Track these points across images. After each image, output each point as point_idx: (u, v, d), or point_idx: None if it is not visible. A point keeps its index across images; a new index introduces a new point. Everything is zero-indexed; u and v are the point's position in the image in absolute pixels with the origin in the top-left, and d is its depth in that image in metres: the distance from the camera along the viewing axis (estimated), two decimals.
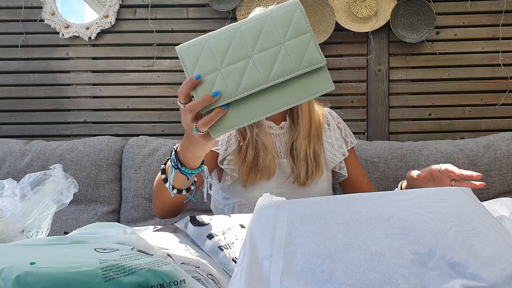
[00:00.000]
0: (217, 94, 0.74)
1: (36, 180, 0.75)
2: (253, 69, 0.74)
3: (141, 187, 1.75)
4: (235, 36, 0.75)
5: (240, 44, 0.75)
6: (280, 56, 0.74)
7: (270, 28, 0.75)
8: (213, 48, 0.75)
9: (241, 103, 0.75)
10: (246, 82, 0.74)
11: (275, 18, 0.75)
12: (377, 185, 1.72)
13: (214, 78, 0.74)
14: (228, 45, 0.75)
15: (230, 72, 0.74)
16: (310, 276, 0.51)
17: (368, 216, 0.58)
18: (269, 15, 0.75)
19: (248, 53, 0.75)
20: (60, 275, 0.44)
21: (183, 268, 0.61)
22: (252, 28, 0.75)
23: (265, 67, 0.74)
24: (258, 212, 0.62)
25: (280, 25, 0.75)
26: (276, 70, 0.74)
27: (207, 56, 0.75)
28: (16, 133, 2.11)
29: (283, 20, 0.75)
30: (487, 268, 0.51)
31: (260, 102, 0.75)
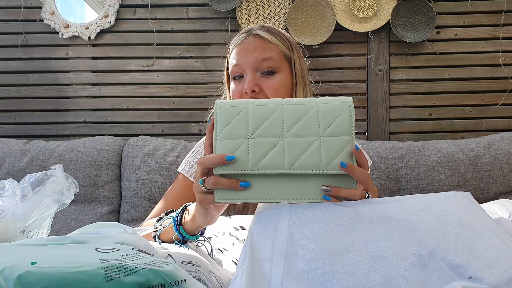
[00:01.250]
0: (231, 159, 0.67)
1: (36, 180, 0.75)
2: (281, 151, 0.68)
3: (141, 187, 1.75)
4: (276, 111, 0.71)
5: (278, 121, 0.70)
6: (312, 148, 0.68)
7: (314, 116, 0.70)
8: (250, 115, 0.70)
9: (258, 181, 0.68)
10: (268, 161, 0.67)
11: (322, 107, 0.71)
12: (377, 185, 1.72)
13: (239, 145, 0.69)
14: (266, 117, 0.70)
15: (256, 145, 0.68)
16: (311, 277, 0.51)
17: (369, 218, 0.58)
18: (318, 104, 0.71)
19: (282, 133, 0.69)
20: (61, 275, 0.44)
21: (184, 267, 0.61)
22: (296, 110, 0.70)
23: (293, 153, 0.67)
24: (259, 214, 0.62)
25: (324, 116, 0.70)
26: (302, 160, 0.67)
27: (241, 121, 0.70)
28: (15, 133, 2.11)
29: (329, 113, 0.70)
30: (488, 270, 0.51)
31: (276, 186, 0.68)
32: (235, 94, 1.07)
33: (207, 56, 2.09)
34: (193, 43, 2.09)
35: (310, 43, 2.00)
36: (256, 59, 1.05)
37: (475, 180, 1.70)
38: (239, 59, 1.06)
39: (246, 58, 1.06)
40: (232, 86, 1.09)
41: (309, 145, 0.68)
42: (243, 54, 1.06)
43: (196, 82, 2.09)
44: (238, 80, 1.07)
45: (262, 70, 1.05)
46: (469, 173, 1.70)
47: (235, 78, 1.08)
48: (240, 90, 1.05)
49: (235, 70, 1.07)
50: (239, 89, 1.06)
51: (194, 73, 2.09)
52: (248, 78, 1.04)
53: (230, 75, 1.10)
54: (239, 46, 1.09)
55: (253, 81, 1.03)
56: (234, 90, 1.07)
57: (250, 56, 1.05)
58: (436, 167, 1.71)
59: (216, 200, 0.68)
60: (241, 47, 1.08)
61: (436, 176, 1.70)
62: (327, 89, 2.06)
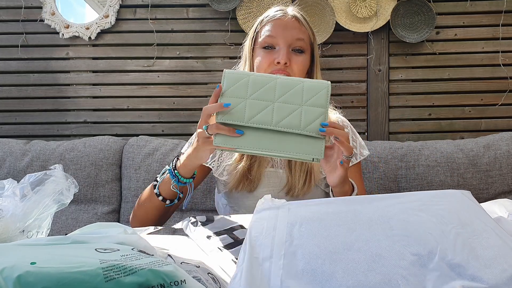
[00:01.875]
0: (227, 105, 0.88)
1: (36, 180, 0.76)
2: (270, 111, 0.89)
3: (141, 187, 1.75)
4: (271, 82, 0.91)
5: (272, 89, 0.90)
6: (295, 113, 0.88)
7: (299, 90, 0.90)
8: (250, 82, 0.91)
9: (250, 133, 0.88)
10: (259, 118, 0.88)
11: (307, 84, 0.91)
12: (377, 185, 1.72)
13: (238, 103, 0.89)
14: (262, 85, 0.91)
15: (252, 104, 0.89)
16: (311, 276, 0.51)
17: (368, 217, 0.58)
18: (304, 81, 0.92)
19: (273, 98, 0.90)
20: (61, 275, 0.44)
21: (183, 268, 0.61)
22: (287, 83, 0.91)
23: (280, 114, 0.88)
24: (258, 214, 0.63)
25: (307, 91, 0.90)
26: (286, 121, 0.88)
27: (242, 85, 0.91)
28: (16, 133, 2.11)
29: (311, 89, 0.91)
30: (487, 269, 0.51)
31: (265, 139, 0.88)
32: (264, 62, 1.17)
33: (207, 56, 2.09)
34: (193, 43, 2.09)
35: None
36: (292, 37, 1.17)
37: (475, 180, 1.70)
38: (276, 32, 1.18)
39: (284, 33, 1.17)
40: (260, 54, 1.19)
41: (293, 110, 0.88)
42: (282, 29, 1.18)
43: (196, 82, 2.09)
44: (269, 50, 1.18)
45: (294, 47, 1.18)
46: (468, 173, 1.70)
47: (266, 48, 1.18)
48: (270, 59, 1.16)
49: (269, 40, 1.18)
50: (270, 58, 1.16)
51: (194, 73, 2.09)
52: (283, 51, 1.15)
53: (259, 44, 1.19)
54: (276, 20, 1.20)
55: (287, 55, 1.15)
56: (264, 58, 1.17)
57: (288, 32, 1.17)
58: (436, 167, 1.71)
59: (214, 144, 0.89)
60: (279, 22, 1.19)
61: (435, 176, 1.70)
62: None
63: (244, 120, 0.88)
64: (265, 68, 1.16)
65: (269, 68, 1.16)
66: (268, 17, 1.22)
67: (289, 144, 0.88)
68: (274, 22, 1.20)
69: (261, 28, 1.21)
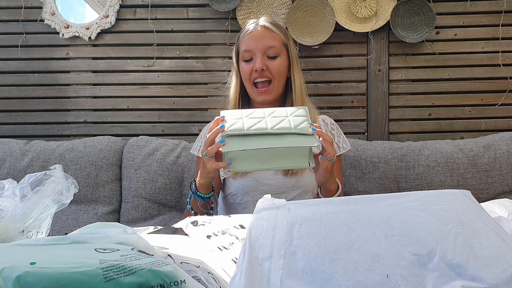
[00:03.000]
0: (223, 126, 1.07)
1: (36, 180, 0.76)
2: (264, 122, 1.07)
3: (141, 187, 1.75)
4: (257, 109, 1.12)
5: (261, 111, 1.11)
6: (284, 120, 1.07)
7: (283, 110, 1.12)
8: (242, 112, 1.11)
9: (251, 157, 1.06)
10: (256, 127, 1.05)
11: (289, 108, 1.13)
12: (377, 185, 1.72)
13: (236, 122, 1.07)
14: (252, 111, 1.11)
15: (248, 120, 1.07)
16: (310, 276, 0.51)
17: (368, 217, 0.58)
18: (288, 110, 1.13)
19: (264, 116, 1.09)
20: (60, 275, 0.44)
21: (183, 268, 0.61)
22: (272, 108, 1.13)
23: (272, 123, 1.06)
24: (258, 213, 0.63)
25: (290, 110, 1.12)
26: (278, 126, 1.05)
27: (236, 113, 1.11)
28: (16, 133, 2.11)
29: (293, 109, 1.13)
30: (487, 269, 0.51)
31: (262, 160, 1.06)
32: (246, 72, 1.38)
33: (207, 56, 2.09)
34: (193, 43, 2.09)
35: (310, 43, 2.00)
36: (264, 46, 1.37)
37: (475, 180, 1.70)
38: (250, 45, 1.38)
39: (257, 45, 1.37)
40: (243, 66, 1.40)
41: (282, 119, 1.07)
42: (254, 41, 1.37)
43: (196, 82, 2.09)
44: (249, 62, 1.39)
45: (269, 54, 1.37)
46: (468, 173, 1.70)
47: (246, 60, 1.39)
48: (250, 69, 1.37)
49: (246, 54, 1.38)
50: (249, 68, 1.37)
51: (194, 73, 2.09)
52: (258, 59, 1.36)
53: (240, 58, 1.41)
54: (250, 34, 1.39)
55: (262, 62, 1.36)
56: (245, 69, 1.39)
57: (260, 43, 1.37)
58: (436, 167, 1.71)
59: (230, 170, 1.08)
60: (252, 35, 1.38)
61: (435, 176, 1.70)
62: (327, 89, 2.06)
63: (244, 130, 1.05)
64: (247, 77, 1.38)
65: (251, 76, 1.37)
66: (243, 32, 1.42)
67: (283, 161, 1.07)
68: (248, 36, 1.39)
69: (239, 43, 1.42)
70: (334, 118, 1.58)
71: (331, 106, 2.05)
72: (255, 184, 1.34)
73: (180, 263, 0.65)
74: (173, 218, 1.75)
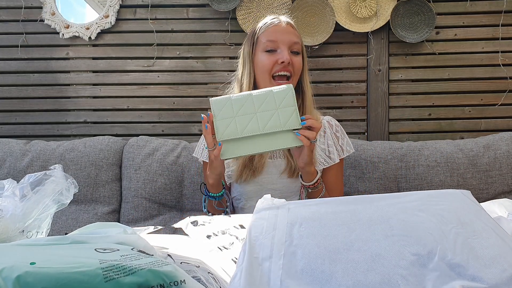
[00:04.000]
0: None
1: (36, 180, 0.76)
2: (255, 121, 1.14)
3: (141, 187, 1.75)
4: (248, 99, 1.16)
5: (251, 103, 1.15)
6: (274, 117, 1.14)
7: (271, 98, 1.16)
8: (233, 103, 1.16)
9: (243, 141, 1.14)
10: (249, 128, 1.13)
11: (276, 92, 1.16)
12: (377, 185, 1.72)
13: (229, 122, 1.14)
14: (243, 103, 1.15)
15: (240, 120, 1.14)
16: (310, 276, 0.51)
17: (368, 217, 0.58)
18: (272, 90, 1.17)
19: (255, 110, 1.15)
20: (60, 275, 0.44)
21: (183, 268, 0.61)
22: (260, 95, 1.16)
23: (263, 121, 1.14)
24: (258, 214, 0.63)
25: (278, 97, 1.16)
26: (269, 124, 1.14)
27: (228, 107, 1.15)
28: (16, 133, 2.11)
29: (280, 95, 1.16)
30: (487, 269, 0.51)
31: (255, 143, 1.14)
32: (268, 63, 1.33)
33: (207, 56, 2.09)
34: (193, 43, 2.09)
35: (310, 43, 2.00)
36: (291, 40, 1.34)
37: (475, 180, 1.70)
38: (277, 37, 1.34)
39: (283, 37, 1.34)
40: (263, 57, 1.34)
41: (272, 115, 1.14)
42: (281, 33, 1.34)
43: (196, 82, 2.09)
44: (272, 53, 1.34)
45: (293, 49, 1.35)
46: (468, 173, 1.70)
47: (268, 51, 1.34)
48: (274, 60, 1.32)
49: (270, 44, 1.34)
50: (273, 59, 1.33)
51: (194, 73, 2.09)
52: (285, 52, 1.32)
53: (260, 49, 1.35)
54: (274, 26, 1.36)
55: (289, 56, 1.32)
56: (267, 60, 1.33)
57: (286, 37, 1.34)
58: (436, 167, 1.71)
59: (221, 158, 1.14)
60: (277, 28, 1.36)
61: (435, 176, 1.70)
62: (327, 89, 2.06)
63: (238, 133, 1.13)
64: (268, 68, 1.33)
65: (273, 68, 1.32)
66: (265, 24, 1.38)
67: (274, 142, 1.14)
68: (273, 28, 1.35)
69: (260, 34, 1.37)
70: (335, 118, 1.58)
71: (331, 106, 2.05)
72: (259, 189, 1.34)
73: (180, 263, 0.65)
74: (173, 218, 1.74)
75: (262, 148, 1.14)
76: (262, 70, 1.34)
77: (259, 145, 1.14)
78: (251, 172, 1.35)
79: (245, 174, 1.35)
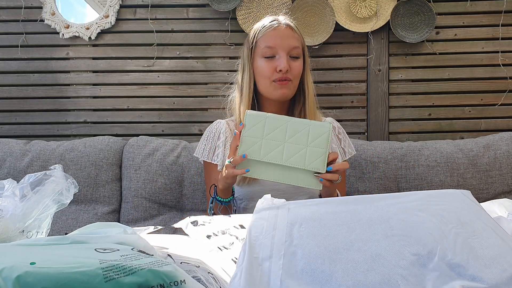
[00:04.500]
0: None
1: (36, 180, 0.76)
2: (281, 150, 1.10)
3: (141, 187, 1.75)
4: (283, 124, 1.12)
5: (283, 130, 1.12)
6: (301, 153, 1.10)
7: (306, 132, 1.11)
8: (267, 123, 1.12)
9: (265, 166, 1.12)
10: (272, 155, 1.10)
11: (313, 127, 1.12)
12: (377, 185, 1.72)
13: (255, 142, 1.11)
14: (276, 127, 1.12)
15: (267, 144, 1.11)
16: (310, 276, 0.51)
17: (368, 217, 0.58)
18: (311, 123, 1.12)
19: (285, 139, 1.11)
20: (60, 275, 0.44)
21: (183, 268, 0.61)
22: (297, 124, 1.12)
23: (288, 153, 1.10)
24: (258, 213, 0.62)
25: (313, 133, 1.11)
26: (293, 159, 1.10)
27: (260, 126, 1.12)
28: (16, 133, 2.11)
29: (316, 131, 1.11)
30: (487, 269, 0.51)
31: (276, 171, 1.11)
32: (267, 70, 1.31)
33: (207, 56, 2.09)
34: (193, 43, 2.09)
35: (310, 43, 2.00)
36: (289, 46, 1.31)
37: (475, 180, 1.70)
38: (275, 42, 1.30)
39: (282, 43, 1.30)
40: (262, 63, 1.32)
41: (299, 150, 1.10)
42: (280, 39, 1.31)
43: (196, 82, 2.09)
44: (270, 59, 1.31)
45: (292, 54, 1.32)
46: (468, 173, 1.70)
47: (267, 57, 1.31)
48: (272, 67, 1.30)
49: (269, 51, 1.31)
50: (272, 66, 1.30)
51: (194, 73, 2.09)
52: (284, 59, 1.29)
53: (259, 54, 1.32)
54: (273, 31, 1.32)
55: (287, 62, 1.30)
56: (266, 67, 1.31)
57: (285, 42, 1.31)
58: (436, 167, 1.71)
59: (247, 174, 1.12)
60: (276, 33, 1.32)
61: (435, 176, 1.70)
62: (327, 89, 2.06)
63: (260, 156, 1.11)
64: (268, 75, 1.31)
65: (272, 76, 1.30)
66: (264, 27, 1.34)
67: (295, 176, 1.11)
68: (271, 33, 1.32)
69: (259, 39, 1.33)
70: (335, 118, 1.58)
71: (331, 106, 2.05)
72: (262, 190, 1.33)
73: (180, 263, 0.65)
74: (173, 218, 1.74)
75: (281, 179, 1.11)
76: (262, 75, 1.32)
77: (278, 174, 1.11)
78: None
79: (248, 178, 1.33)
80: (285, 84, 1.31)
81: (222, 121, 1.46)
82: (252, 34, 1.37)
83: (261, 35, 1.33)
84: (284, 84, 1.30)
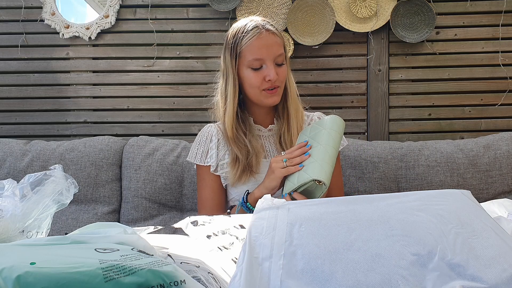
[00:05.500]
0: (301, 166, 1.19)
1: (36, 180, 0.75)
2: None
3: (141, 187, 1.75)
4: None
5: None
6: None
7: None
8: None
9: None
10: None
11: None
12: (377, 185, 1.72)
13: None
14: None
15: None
16: (310, 276, 0.51)
17: (368, 217, 0.58)
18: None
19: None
20: (60, 275, 0.44)
21: (183, 268, 0.61)
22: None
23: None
24: (258, 213, 0.62)
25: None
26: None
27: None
28: (16, 133, 2.11)
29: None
30: (487, 269, 0.51)
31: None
32: (255, 80, 1.30)
33: (207, 56, 2.09)
34: (193, 43, 2.09)
35: (310, 43, 2.00)
36: (275, 54, 1.30)
37: (475, 180, 1.70)
38: (262, 54, 1.29)
39: (268, 53, 1.29)
40: (249, 73, 1.31)
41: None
42: (265, 49, 1.29)
43: (196, 82, 2.09)
44: (259, 70, 1.30)
45: (278, 62, 1.31)
46: (468, 173, 1.70)
47: (255, 69, 1.30)
48: (261, 77, 1.30)
49: (256, 63, 1.29)
50: (260, 76, 1.30)
51: (194, 73, 2.09)
52: (272, 70, 1.29)
53: (246, 65, 1.31)
54: (257, 40, 1.29)
55: (275, 71, 1.30)
56: (255, 78, 1.30)
57: (271, 51, 1.29)
58: (436, 167, 1.71)
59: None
60: (260, 42, 1.29)
61: (435, 176, 1.70)
62: (327, 89, 2.06)
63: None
64: (257, 85, 1.30)
65: (262, 85, 1.30)
66: (247, 34, 1.30)
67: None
68: (256, 43, 1.29)
69: (243, 48, 1.30)
70: None
71: (331, 106, 2.05)
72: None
73: (180, 263, 0.65)
74: (173, 218, 1.74)
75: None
76: (250, 86, 1.32)
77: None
78: (250, 174, 1.34)
79: (245, 177, 1.34)
80: (275, 92, 1.32)
81: (213, 125, 1.46)
82: (232, 39, 1.32)
83: (246, 45, 1.29)
84: (274, 92, 1.32)
